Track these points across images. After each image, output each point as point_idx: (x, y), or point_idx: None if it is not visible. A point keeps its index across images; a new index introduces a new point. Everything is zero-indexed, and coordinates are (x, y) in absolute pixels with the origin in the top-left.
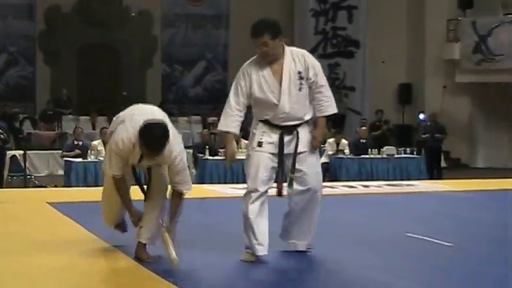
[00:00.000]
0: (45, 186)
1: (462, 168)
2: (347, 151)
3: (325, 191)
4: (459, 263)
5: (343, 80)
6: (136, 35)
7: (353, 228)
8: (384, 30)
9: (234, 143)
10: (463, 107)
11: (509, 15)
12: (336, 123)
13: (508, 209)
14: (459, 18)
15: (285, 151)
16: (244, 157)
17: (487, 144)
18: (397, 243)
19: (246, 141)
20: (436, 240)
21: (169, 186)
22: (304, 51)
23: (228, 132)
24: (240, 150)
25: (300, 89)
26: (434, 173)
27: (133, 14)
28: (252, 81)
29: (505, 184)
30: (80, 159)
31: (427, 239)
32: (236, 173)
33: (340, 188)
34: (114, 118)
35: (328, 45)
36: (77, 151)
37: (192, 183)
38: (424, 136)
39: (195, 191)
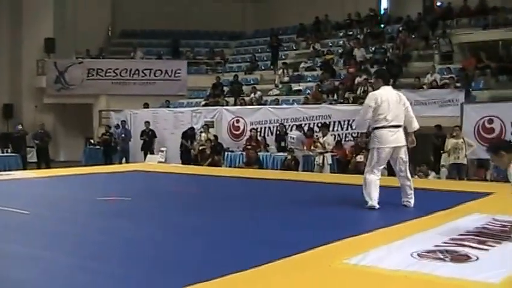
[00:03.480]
0: None
1: (51, 161)
2: None
3: None
4: (38, 225)
5: None
6: None
7: None
8: None
9: None
10: (49, 120)
11: (79, 58)
12: None
13: (80, 186)
14: (45, 59)
15: None
16: None
17: (67, 145)
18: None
19: None
20: (15, 210)
21: None
22: None
23: None
24: None
25: None
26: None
27: None
28: None
29: (76, 170)
30: None
31: (8, 209)
32: None
33: None
34: None
35: None
36: None
37: None
38: (35, 141)
39: None
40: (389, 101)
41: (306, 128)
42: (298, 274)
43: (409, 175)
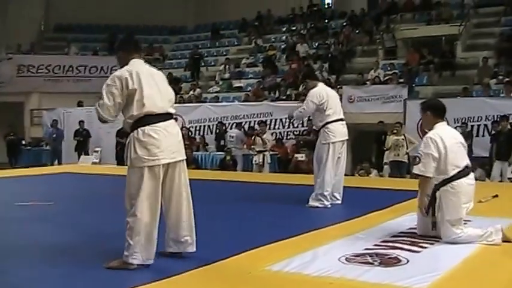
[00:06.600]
0: None
1: None
2: None
3: None
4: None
5: None
6: None
7: None
8: None
9: None
10: None
11: (8, 54)
12: None
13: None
14: None
15: None
16: None
17: None
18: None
19: None
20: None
21: None
22: None
23: None
24: None
25: None
26: None
27: None
28: None
29: (3, 173)
30: None
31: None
32: None
33: None
34: None
35: None
36: None
37: None
38: None
39: None
40: (332, 96)
41: (246, 127)
42: (216, 283)
43: None
